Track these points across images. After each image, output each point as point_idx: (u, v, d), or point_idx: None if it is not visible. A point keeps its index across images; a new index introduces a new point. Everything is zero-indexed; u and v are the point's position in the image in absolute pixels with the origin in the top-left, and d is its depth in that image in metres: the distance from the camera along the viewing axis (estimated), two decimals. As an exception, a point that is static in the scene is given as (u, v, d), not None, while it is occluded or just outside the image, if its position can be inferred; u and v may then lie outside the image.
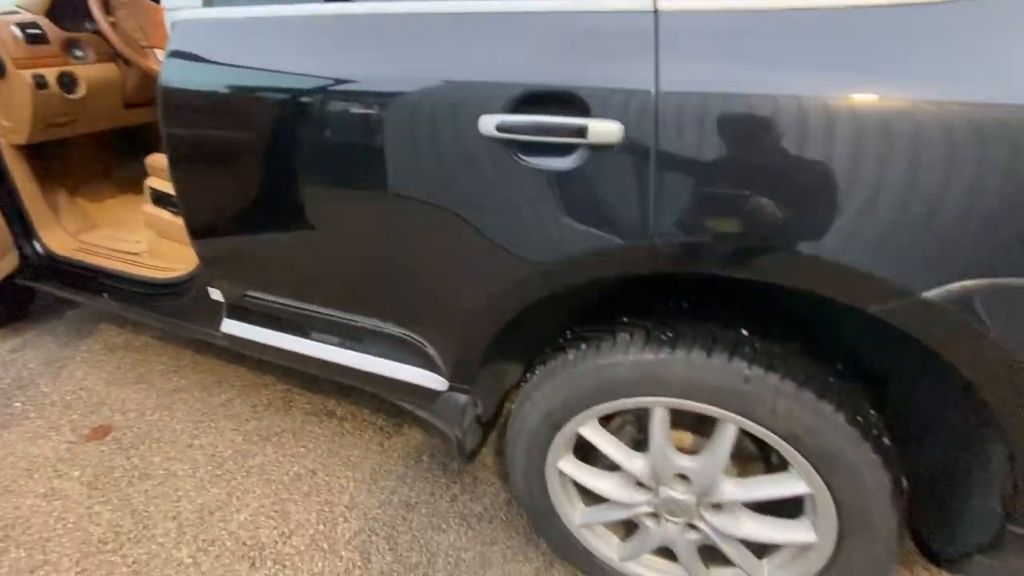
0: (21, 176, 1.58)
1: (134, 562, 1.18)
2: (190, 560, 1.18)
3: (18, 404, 1.64)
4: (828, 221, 0.60)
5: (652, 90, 0.64)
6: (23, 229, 1.60)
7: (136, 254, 1.60)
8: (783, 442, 0.76)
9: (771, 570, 0.93)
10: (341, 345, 1.12)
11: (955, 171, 0.55)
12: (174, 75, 0.96)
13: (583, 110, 0.67)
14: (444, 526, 1.26)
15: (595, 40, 0.68)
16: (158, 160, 1.47)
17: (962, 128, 0.54)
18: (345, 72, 0.82)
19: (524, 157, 0.72)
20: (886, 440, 0.76)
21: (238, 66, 0.91)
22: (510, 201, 0.75)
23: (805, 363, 0.75)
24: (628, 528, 1.07)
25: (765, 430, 0.77)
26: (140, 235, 1.66)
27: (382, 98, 0.79)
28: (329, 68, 0.83)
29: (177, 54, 0.96)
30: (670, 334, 0.80)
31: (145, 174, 1.56)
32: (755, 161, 0.62)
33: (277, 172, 0.93)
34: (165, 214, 1.51)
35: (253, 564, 1.18)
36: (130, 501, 1.32)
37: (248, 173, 0.97)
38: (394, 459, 1.45)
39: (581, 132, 0.66)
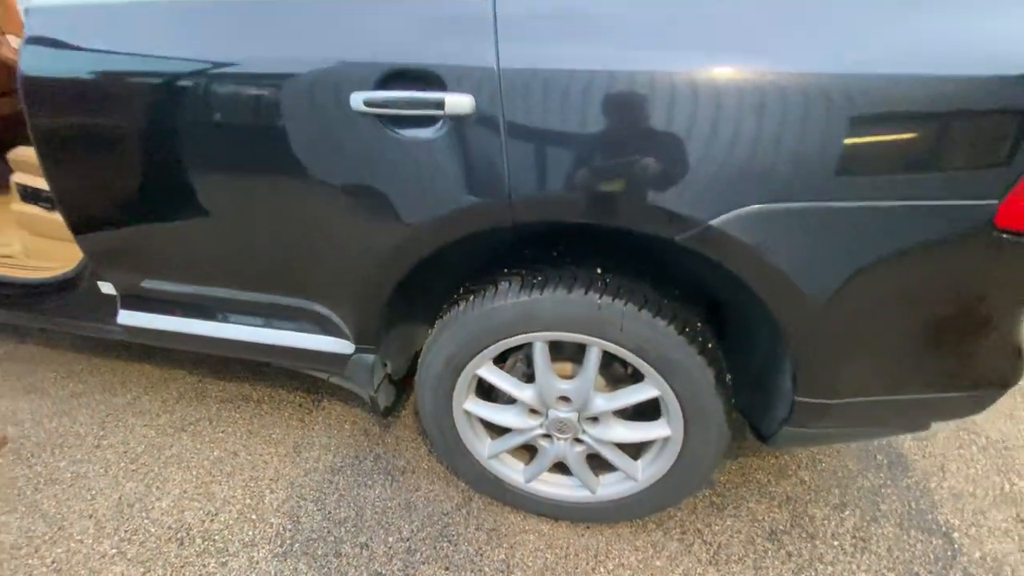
0: None
1: (53, 561, 1.17)
2: (114, 551, 1.20)
3: None
4: (637, 172, 0.76)
5: (494, 66, 0.76)
6: None
7: (9, 256, 1.50)
8: (632, 355, 0.94)
9: (644, 467, 1.13)
10: (247, 323, 1.17)
11: (720, 125, 0.72)
12: (35, 63, 0.94)
13: (440, 85, 0.78)
14: (369, 483, 1.36)
15: (446, 23, 0.78)
16: (23, 154, 1.38)
17: (721, 93, 0.71)
18: (218, 55, 0.86)
19: (394, 129, 0.82)
20: (710, 345, 0.96)
21: (104, 51, 0.91)
22: (384, 170, 0.84)
23: (645, 290, 0.93)
24: (529, 453, 1.24)
25: (617, 347, 0.94)
26: (10, 236, 1.55)
27: (256, 80, 0.85)
28: (201, 51, 0.86)
29: (36, 40, 0.94)
30: (540, 278, 0.95)
31: (9, 170, 1.46)
32: (579, 125, 0.76)
33: (158, 158, 0.95)
34: (37, 210, 1.43)
35: (181, 543, 1.21)
36: (39, 507, 1.29)
37: (127, 161, 0.98)
38: (316, 431, 1.51)
39: (439, 105, 0.77)
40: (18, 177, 1.41)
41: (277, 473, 1.38)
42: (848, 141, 0.70)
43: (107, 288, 1.22)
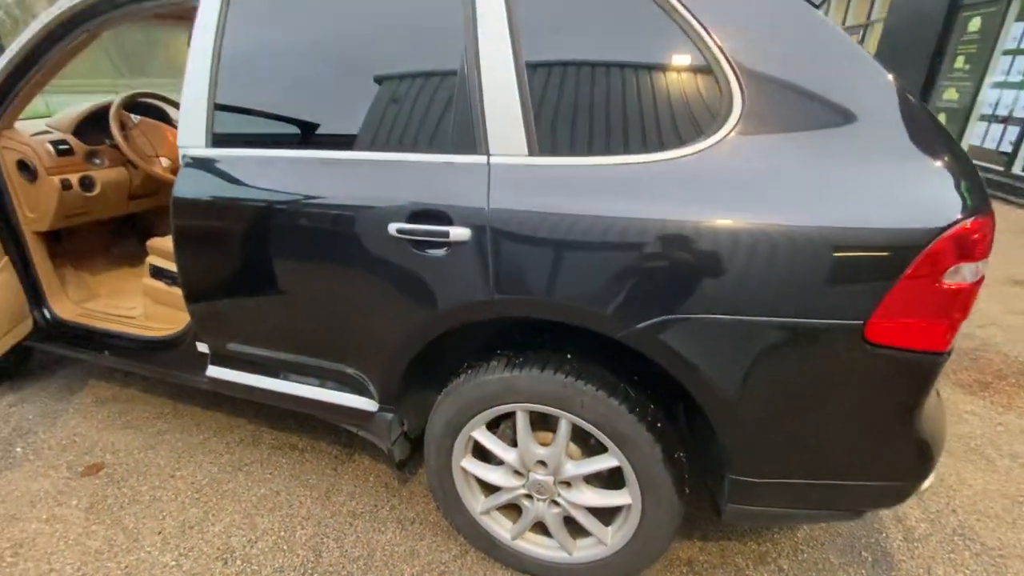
0: (38, 256, 1.93)
1: (127, 567, 1.45)
2: (174, 563, 1.47)
3: (19, 449, 1.91)
4: (584, 285, 1.03)
5: (485, 208, 1.08)
6: (35, 299, 1.93)
7: (132, 317, 1.94)
8: (593, 428, 1.16)
9: (613, 532, 1.29)
10: (300, 381, 1.48)
11: (637, 255, 0.98)
12: (184, 190, 1.36)
13: (447, 221, 1.10)
14: (383, 528, 1.58)
15: (455, 177, 1.12)
16: (158, 243, 1.85)
17: (637, 235, 0.98)
18: (302, 193, 1.24)
19: (415, 249, 1.14)
20: (659, 424, 1.15)
21: (228, 185, 1.32)
22: (407, 277, 1.16)
23: (603, 374, 1.16)
24: (516, 514, 1.42)
25: (581, 420, 1.16)
26: (136, 301, 2.01)
27: (328, 211, 1.21)
28: (287, 192, 1.25)
29: (187, 175, 1.37)
30: (521, 359, 1.20)
31: (145, 253, 1.94)
32: (540, 251, 1.05)
33: (256, 257, 1.33)
34: (161, 285, 1.87)
35: (226, 562, 1.46)
36: (122, 521, 1.60)
37: (235, 257, 1.36)
38: (345, 480, 1.76)
39: (446, 235, 1.09)
40: (151, 259, 1.88)
41: (309, 512, 1.63)
42: (742, 272, 0.94)
43: (202, 348, 1.59)
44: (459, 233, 1.09)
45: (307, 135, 1.27)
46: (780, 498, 1.11)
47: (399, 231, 1.13)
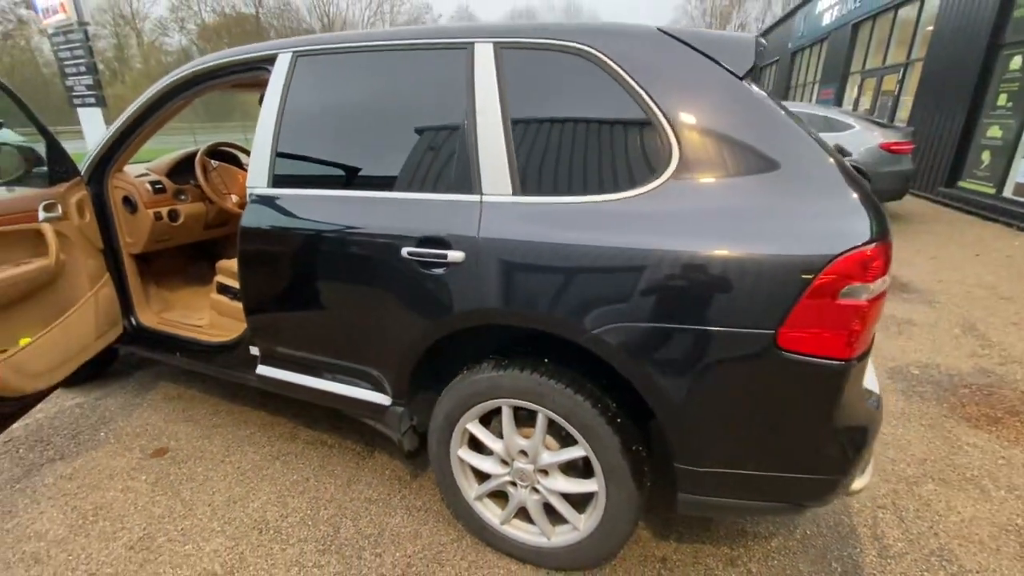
0: (131, 274, 2.35)
1: (182, 529, 1.74)
2: (219, 529, 1.74)
3: (102, 434, 2.28)
4: (552, 298, 1.27)
5: (476, 236, 1.34)
6: (126, 309, 2.34)
7: (200, 326, 2.31)
8: (563, 421, 1.37)
9: (585, 518, 1.47)
10: (331, 379, 1.76)
11: (588, 271, 1.22)
12: (249, 221, 1.71)
13: (447, 246, 1.38)
14: (393, 513, 1.81)
15: (453, 213, 1.40)
16: (226, 265, 2.23)
17: (594, 258, 1.22)
18: (338, 224, 1.55)
19: (421, 268, 1.42)
20: (619, 419, 1.35)
21: (282, 218, 1.66)
22: (415, 291, 1.43)
23: (572, 375, 1.37)
24: (504, 501, 1.62)
25: (553, 414, 1.37)
26: (204, 314, 2.39)
27: (358, 237, 1.51)
28: (328, 223, 1.56)
29: (252, 210, 1.72)
30: (506, 362, 1.44)
31: (213, 272, 2.32)
32: (519, 270, 1.30)
33: (301, 275, 1.64)
34: (224, 299, 2.24)
35: (260, 532, 1.73)
36: (180, 494, 1.91)
37: (284, 275, 1.68)
38: (365, 472, 2.02)
39: (444, 257, 1.37)
40: (219, 277, 2.25)
41: (332, 497, 1.89)
42: (676, 288, 1.16)
43: (254, 351, 1.91)
44: (455, 255, 1.36)
45: (345, 179, 1.60)
46: (722, 488, 1.27)
47: (409, 253, 1.42)
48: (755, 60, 1.24)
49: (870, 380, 1.47)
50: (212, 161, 2.67)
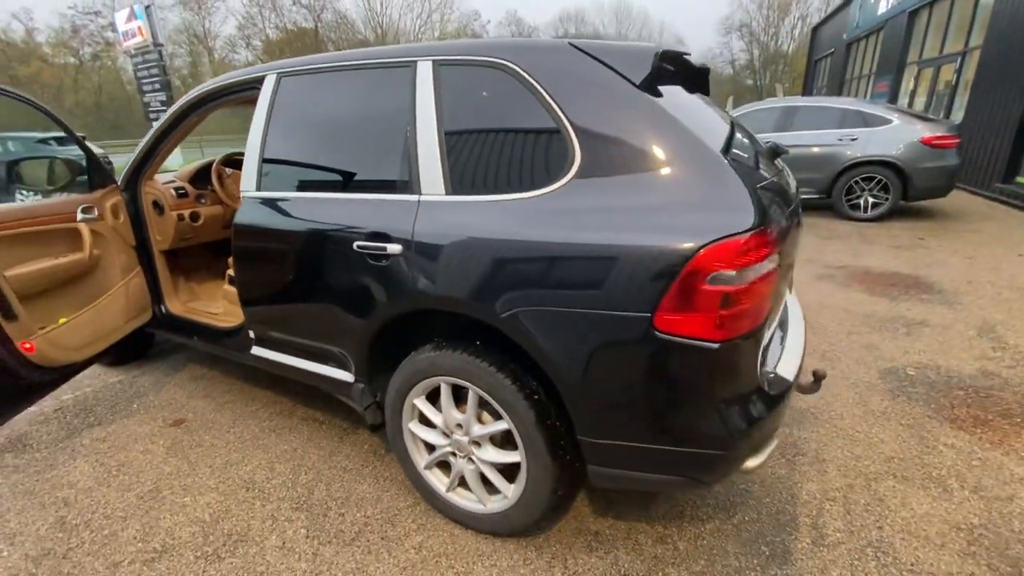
0: (161, 268, 2.70)
1: (184, 486, 2.03)
2: (213, 486, 2.02)
3: (135, 405, 2.64)
4: (472, 285, 1.43)
5: (410, 232, 1.53)
6: (156, 297, 2.69)
7: (216, 314, 2.63)
8: (489, 396, 1.52)
9: (514, 488, 1.62)
10: (308, 359, 2.00)
11: (506, 267, 1.37)
12: (240, 219, 1.97)
13: (388, 240, 1.57)
14: (362, 481, 2.02)
15: (395, 210, 1.59)
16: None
17: (505, 249, 1.37)
18: (307, 223, 1.77)
19: (370, 260, 1.61)
20: (536, 396, 1.48)
21: (265, 217, 1.90)
22: (365, 279, 1.63)
23: (496, 355, 1.52)
24: (449, 471, 1.79)
25: (481, 390, 1.53)
26: (219, 303, 2.71)
27: (323, 233, 1.73)
28: (301, 221, 1.79)
29: (242, 209, 1.98)
30: (444, 344, 1.61)
31: (227, 266, 2.63)
32: (445, 261, 1.47)
33: (279, 267, 1.88)
34: (232, 290, 2.54)
35: (247, 489, 1.99)
36: (188, 457, 2.20)
37: (266, 268, 1.93)
38: (346, 445, 2.24)
39: (385, 249, 1.56)
40: (229, 270, 2.56)
41: (313, 465, 2.12)
42: (572, 275, 1.29)
43: (251, 334, 2.18)
44: (394, 248, 1.55)
45: (315, 182, 1.83)
46: (621, 460, 1.39)
47: (359, 247, 1.62)
48: (653, 69, 1.35)
49: (785, 365, 1.54)
50: (227, 169, 3.01)
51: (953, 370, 2.77)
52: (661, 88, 1.39)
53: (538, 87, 1.41)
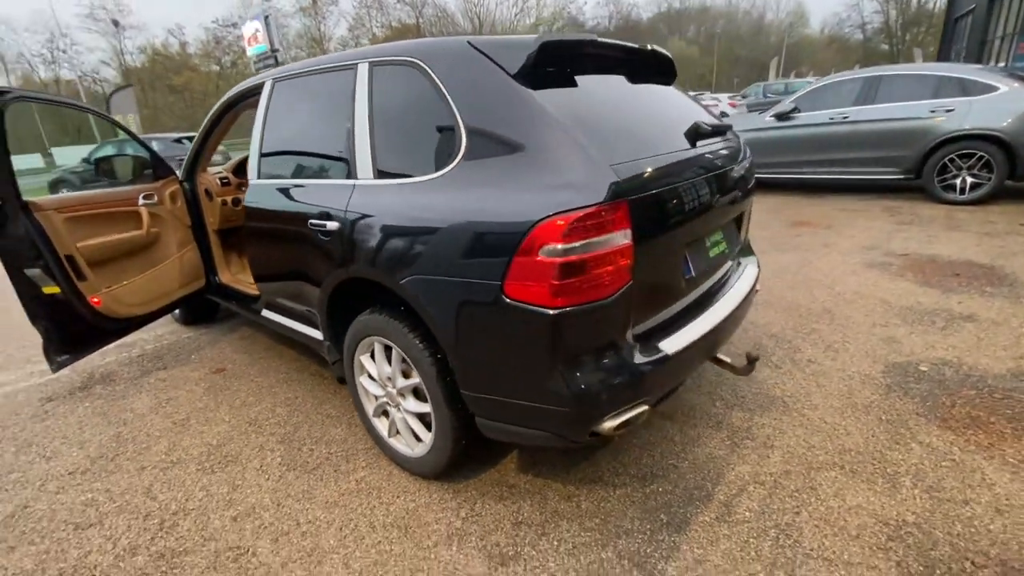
0: (215, 244, 3.27)
1: (206, 419, 2.53)
2: (226, 420, 2.49)
3: (193, 356, 3.25)
4: (381, 255, 1.67)
5: (344, 210, 1.80)
6: (209, 268, 3.27)
7: (252, 283, 3.14)
8: (404, 353, 1.76)
9: (430, 436, 1.85)
10: (295, 319, 2.38)
11: (403, 238, 1.59)
12: (250, 201, 2.39)
13: (329, 218, 1.86)
14: (338, 425, 2.37)
15: (337, 193, 1.87)
16: (263, 237, 3.02)
17: (405, 222, 1.59)
18: (282, 205, 2.13)
19: (320, 235, 1.92)
20: (439, 355, 1.69)
21: (260, 200, 2.29)
22: (316, 252, 1.94)
23: (411, 318, 1.75)
24: (389, 419, 2.06)
25: (398, 348, 1.77)
26: (248, 275, 3.23)
27: (290, 213, 2.08)
28: (278, 203, 2.15)
29: (251, 195, 2.40)
30: (377, 308, 1.88)
31: (259, 245, 3.13)
32: (363, 235, 1.72)
33: (270, 241, 2.27)
34: (262, 262, 3.03)
35: (249, 424, 2.43)
36: (216, 397, 2.71)
37: (262, 242, 2.33)
38: (338, 398, 2.62)
39: (328, 226, 1.85)
40: (261, 247, 3.05)
41: (305, 410, 2.52)
42: (445, 246, 1.49)
43: (263, 300, 2.62)
44: (332, 225, 1.84)
45: (290, 171, 2.18)
46: (499, 413, 1.56)
47: (310, 224, 1.93)
48: (528, 60, 1.48)
49: (675, 339, 1.60)
50: None
51: (978, 369, 2.50)
52: (558, 76, 1.53)
53: (437, 81, 1.60)
